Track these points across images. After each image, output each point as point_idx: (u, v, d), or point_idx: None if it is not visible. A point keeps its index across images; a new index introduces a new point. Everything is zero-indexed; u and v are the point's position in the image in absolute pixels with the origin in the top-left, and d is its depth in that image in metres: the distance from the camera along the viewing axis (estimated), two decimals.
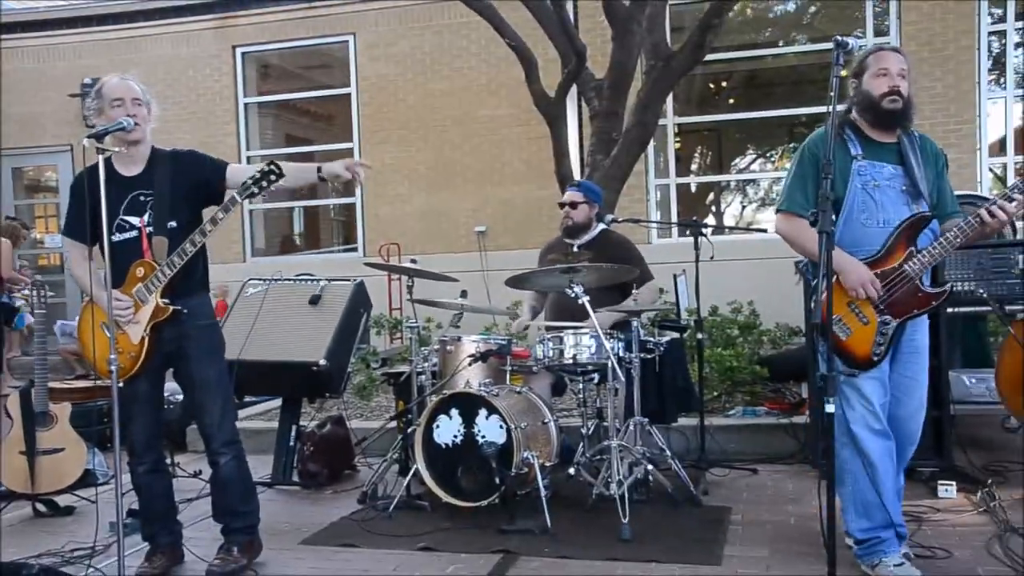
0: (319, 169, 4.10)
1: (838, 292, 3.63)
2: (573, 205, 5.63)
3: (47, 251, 13.74)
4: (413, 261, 5.83)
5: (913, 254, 3.60)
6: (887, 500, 3.68)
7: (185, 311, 3.98)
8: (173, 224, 3.97)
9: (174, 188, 4.01)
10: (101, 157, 3.69)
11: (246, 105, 12.26)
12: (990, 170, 10.22)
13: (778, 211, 3.93)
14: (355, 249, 11.82)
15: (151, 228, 3.96)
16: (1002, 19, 9.98)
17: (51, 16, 13.20)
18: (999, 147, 10.24)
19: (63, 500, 5.31)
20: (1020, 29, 10.21)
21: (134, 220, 3.98)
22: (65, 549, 4.48)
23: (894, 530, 3.73)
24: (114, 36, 12.60)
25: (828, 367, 3.10)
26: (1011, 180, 10.53)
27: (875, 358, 3.66)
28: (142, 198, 3.99)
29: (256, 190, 3.84)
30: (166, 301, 3.92)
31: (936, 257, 3.59)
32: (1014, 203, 3.46)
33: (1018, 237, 5.17)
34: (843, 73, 3.36)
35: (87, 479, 5.35)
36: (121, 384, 3.80)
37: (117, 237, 3.93)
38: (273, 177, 3.83)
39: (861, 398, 3.70)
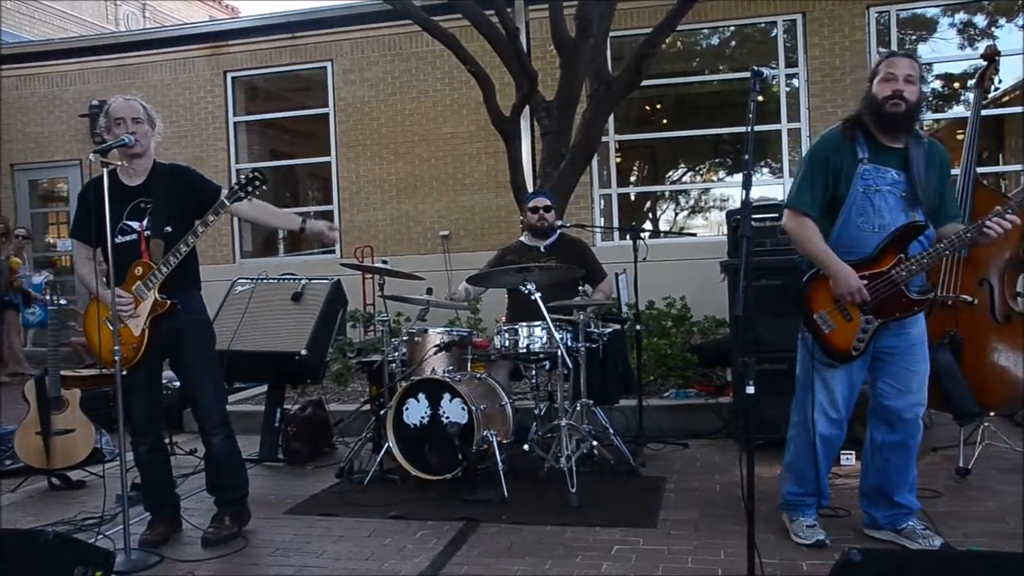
0: (303, 220, 4.19)
1: (825, 288, 3.51)
2: (547, 209, 5.67)
3: (59, 254, 13.58)
4: (384, 262, 5.81)
5: (902, 261, 3.41)
6: (821, 476, 3.70)
7: (179, 305, 3.95)
8: (169, 229, 3.93)
9: (172, 198, 3.98)
10: (105, 170, 3.69)
11: (235, 124, 12.13)
12: None
13: (786, 207, 3.64)
14: (332, 251, 11.70)
15: (149, 232, 3.93)
16: None
17: (63, 47, 13.18)
18: None
19: (75, 475, 5.26)
20: None
21: (134, 224, 3.94)
22: (77, 518, 4.45)
23: (818, 499, 3.77)
24: (118, 63, 12.45)
25: (739, 352, 3.03)
26: None
27: (854, 353, 3.51)
28: (142, 205, 3.95)
29: (242, 195, 3.83)
30: (164, 297, 3.89)
31: (924, 266, 3.41)
32: (1008, 220, 3.29)
33: None
34: (760, 98, 3.33)
35: (95, 457, 5.29)
36: (124, 372, 3.79)
37: (119, 239, 3.90)
38: (257, 183, 3.82)
39: (826, 388, 3.60)
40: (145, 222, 3.94)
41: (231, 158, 12.00)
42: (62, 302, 5.29)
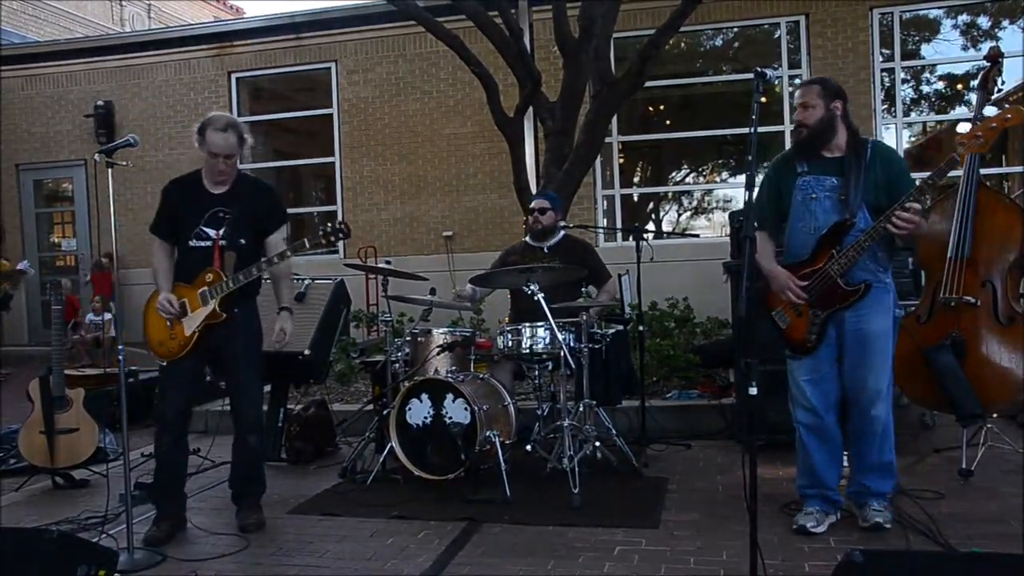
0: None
1: None
2: (542, 211, 5.63)
3: (63, 254, 13.60)
4: (388, 262, 5.81)
5: (833, 256, 3.66)
6: (816, 466, 3.87)
7: (237, 311, 4.09)
8: (243, 242, 4.07)
9: (251, 212, 4.11)
10: (110, 171, 3.77)
11: None
12: None
13: None
14: (336, 251, 11.72)
15: (224, 242, 4.04)
16: (891, 58, 10.14)
17: (68, 47, 13.24)
18: None
19: (78, 474, 5.27)
20: (906, 68, 10.38)
21: (211, 232, 4.05)
22: (81, 517, 4.46)
23: (821, 493, 3.88)
24: (124, 64, 12.51)
25: (742, 353, 3.12)
26: None
27: (809, 344, 3.78)
28: (221, 215, 4.06)
29: (324, 242, 4.00)
30: (222, 310, 4.02)
31: (851, 259, 3.64)
32: (908, 211, 3.47)
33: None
34: (763, 99, 3.38)
35: (99, 456, 5.31)
36: (166, 363, 4.04)
37: (194, 243, 4.05)
38: (342, 234, 4.00)
39: (794, 379, 3.88)
40: (221, 231, 4.03)
41: None
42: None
